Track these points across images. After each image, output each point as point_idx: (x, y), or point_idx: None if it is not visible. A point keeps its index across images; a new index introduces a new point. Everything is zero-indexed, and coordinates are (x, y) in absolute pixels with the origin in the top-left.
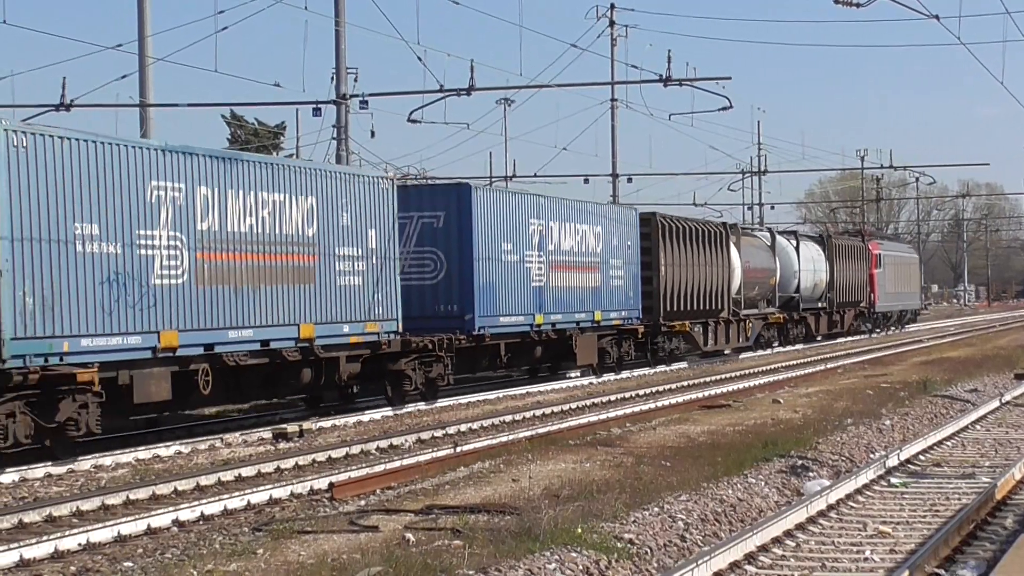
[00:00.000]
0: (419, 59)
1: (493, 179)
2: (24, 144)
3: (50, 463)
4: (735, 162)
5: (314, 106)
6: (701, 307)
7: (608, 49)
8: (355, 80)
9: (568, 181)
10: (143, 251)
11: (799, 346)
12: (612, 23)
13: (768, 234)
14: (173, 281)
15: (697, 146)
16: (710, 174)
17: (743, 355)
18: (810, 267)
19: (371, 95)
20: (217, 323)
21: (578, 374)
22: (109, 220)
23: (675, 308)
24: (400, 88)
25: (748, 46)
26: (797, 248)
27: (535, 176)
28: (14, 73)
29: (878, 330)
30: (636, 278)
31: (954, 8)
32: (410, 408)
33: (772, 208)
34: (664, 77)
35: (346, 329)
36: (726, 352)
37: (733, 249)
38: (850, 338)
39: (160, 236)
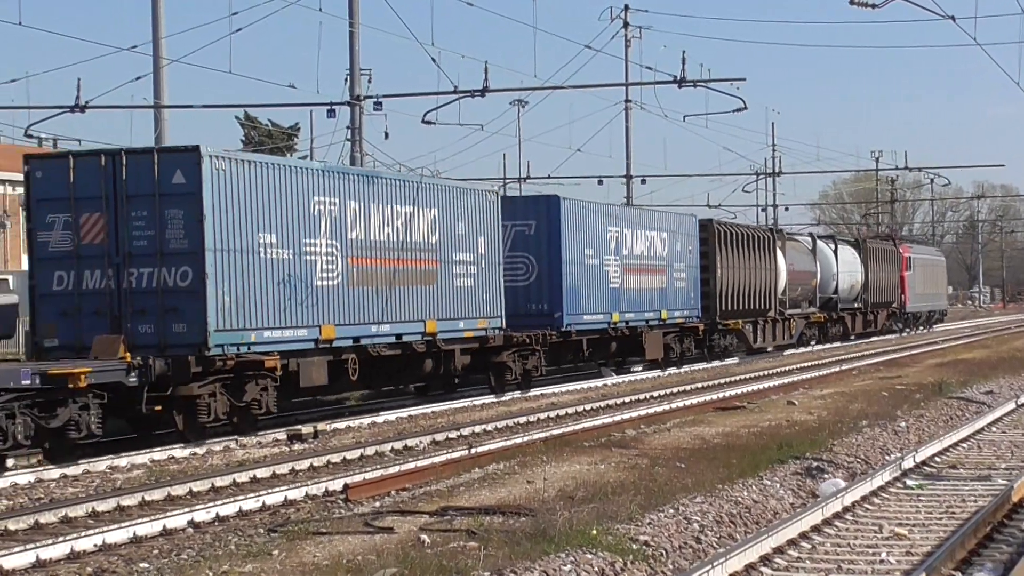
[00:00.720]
0: (433, 60)
1: (507, 180)
2: (222, 168)
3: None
4: (749, 163)
5: (328, 107)
6: (751, 307)
7: (622, 50)
8: (369, 81)
9: (582, 182)
10: (308, 257)
11: (836, 344)
12: (626, 24)
13: (809, 239)
14: (330, 282)
15: (711, 147)
16: (724, 175)
17: (787, 352)
18: (847, 270)
19: (385, 96)
20: (363, 319)
21: (640, 368)
22: (283, 230)
23: (729, 308)
24: (414, 89)
25: (763, 47)
26: (835, 252)
27: (549, 177)
28: (29, 74)
29: (908, 329)
30: (696, 280)
31: (970, 9)
32: (509, 396)
33: (786, 209)
34: (678, 78)
35: (461, 325)
36: (769, 349)
37: (779, 253)
38: (882, 337)
39: (320, 244)
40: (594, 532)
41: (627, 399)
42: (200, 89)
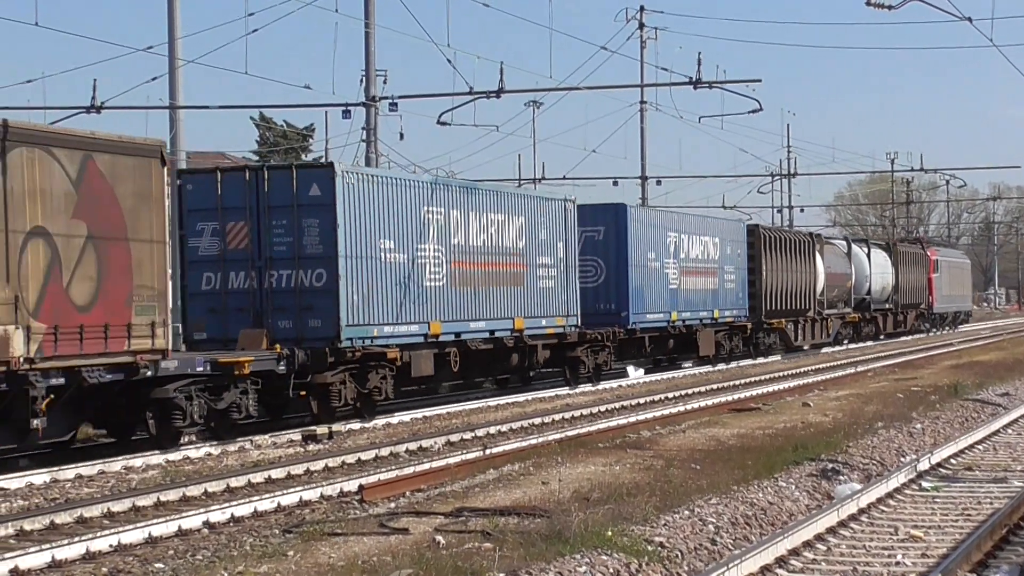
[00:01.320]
0: (449, 61)
1: (521, 181)
2: (351, 182)
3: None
4: (765, 165)
5: (344, 108)
6: (792, 307)
7: (638, 51)
8: (384, 82)
9: (597, 183)
10: (419, 260)
11: (869, 343)
12: (642, 25)
13: (845, 243)
14: (437, 283)
15: (727, 149)
16: (739, 177)
17: (823, 349)
18: (879, 272)
19: (401, 97)
20: (463, 316)
21: (689, 364)
22: (399, 237)
23: (773, 308)
24: (429, 90)
25: (778, 49)
26: (868, 255)
27: (564, 178)
28: (45, 75)
29: (935, 329)
30: (744, 281)
31: (986, 10)
32: (582, 388)
33: (802, 211)
34: (694, 79)
35: (543, 323)
36: (805, 348)
37: (818, 256)
38: (912, 336)
39: (429, 249)
40: (609, 533)
41: (642, 400)
42: (216, 90)
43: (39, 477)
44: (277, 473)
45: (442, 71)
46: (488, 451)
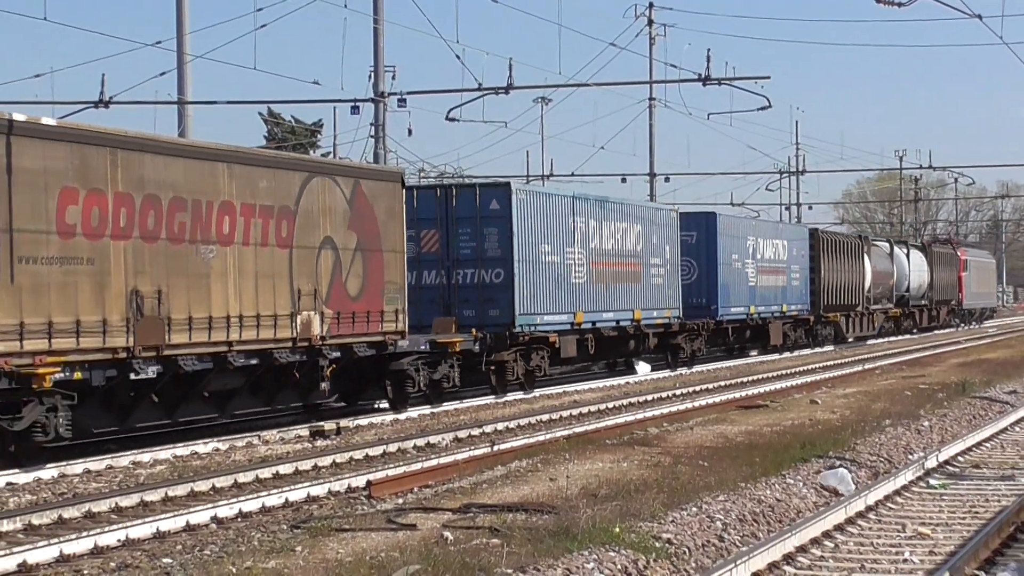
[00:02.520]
0: (458, 57)
1: (530, 178)
2: (522, 198)
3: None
4: (773, 162)
5: (352, 104)
6: (845, 302)
7: (646, 48)
8: (393, 78)
9: (605, 180)
10: (568, 262)
11: (906, 336)
12: (651, 22)
13: (887, 244)
14: (580, 281)
15: (735, 146)
16: (748, 174)
17: (868, 341)
18: (916, 271)
19: (409, 93)
20: (598, 308)
21: (755, 353)
22: (554, 242)
23: (829, 303)
24: (438, 86)
25: (787, 45)
26: (908, 255)
27: (572, 175)
28: (54, 70)
29: (964, 324)
30: (806, 280)
31: (997, 8)
32: (681, 371)
33: (810, 208)
34: (703, 76)
35: (655, 314)
36: (850, 339)
37: (866, 257)
38: (943, 330)
39: (575, 252)
40: (617, 530)
41: (650, 397)
42: (224, 85)
43: (47, 472)
44: (285, 469)
45: (451, 67)
46: (496, 447)
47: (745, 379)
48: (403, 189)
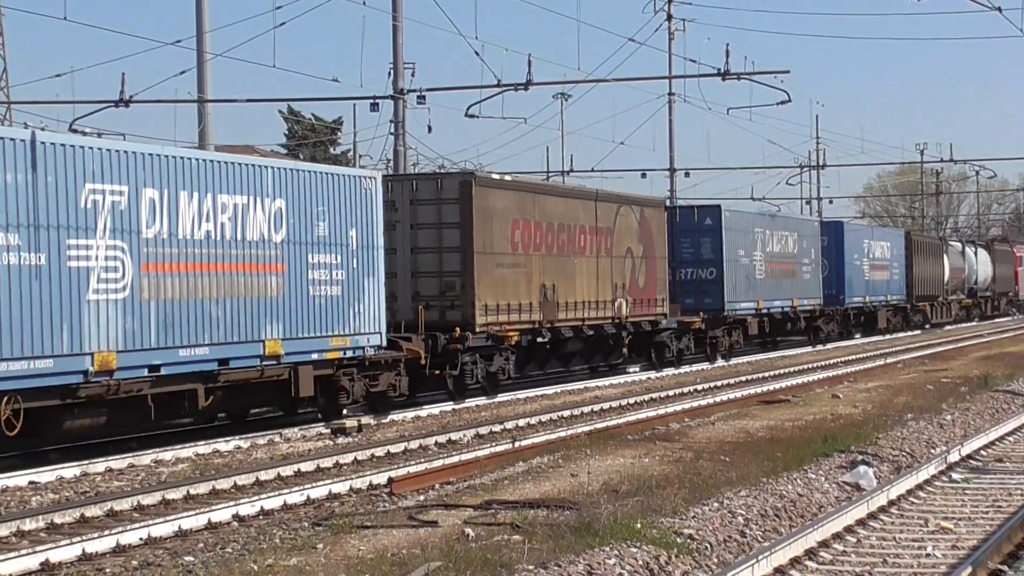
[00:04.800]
0: (477, 54)
1: (550, 174)
2: (727, 216)
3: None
4: (793, 156)
5: (372, 101)
6: (929, 294)
7: (666, 43)
8: (412, 75)
9: (625, 176)
10: (754, 262)
11: (974, 322)
12: (670, 17)
13: (959, 244)
14: (761, 277)
15: (755, 140)
16: (768, 168)
17: (946, 327)
18: (982, 266)
19: (429, 90)
20: (771, 297)
21: (858, 335)
22: (746, 248)
23: (919, 294)
24: (457, 83)
25: (807, 40)
26: (976, 253)
27: (592, 171)
28: (74, 69)
29: (1019, 312)
30: (903, 275)
31: (1016, 0)
32: (817, 348)
33: (831, 202)
34: (722, 71)
35: (806, 302)
36: (926, 327)
37: (944, 255)
38: (1003, 318)
39: (758, 255)
40: (638, 525)
41: (671, 392)
42: (244, 83)
43: (69, 471)
44: (307, 466)
45: (470, 64)
46: (517, 444)
47: (767, 374)
48: (665, 212)
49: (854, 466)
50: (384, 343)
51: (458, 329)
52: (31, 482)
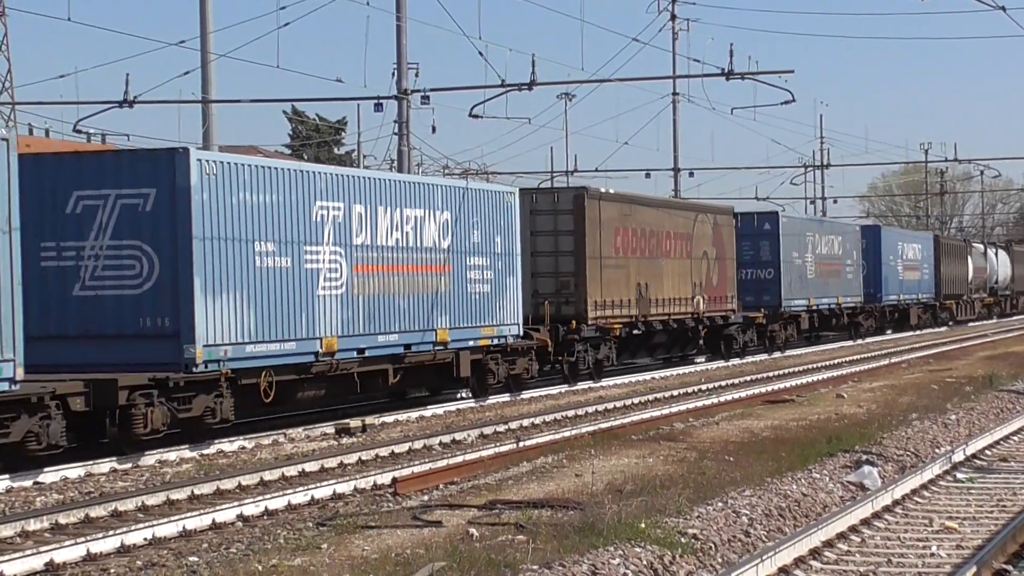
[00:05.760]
0: (480, 54)
1: (554, 174)
2: (784, 221)
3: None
4: (797, 156)
5: (375, 101)
6: (955, 292)
7: (670, 43)
8: (416, 75)
9: (629, 176)
10: (806, 263)
11: (994, 320)
12: (674, 17)
13: (981, 245)
14: (811, 276)
15: (759, 140)
16: (772, 168)
17: (969, 324)
18: (1003, 267)
19: (432, 90)
20: (819, 295)
21: (890, 331)
22: (800, 250)
23: (947, 292)
24: (461, 83)
25: (811, 39)
26: (996, 254)
27: (596, 171)
28: (78, 70)
29: None
30: (932, 274)
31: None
32: (857, 342)
33: (835, 202)
34: (726, 71)
35: (849, 299)
36: (949, 324)
37: (968, 256)
38: (1021, 315)
39: (809, 256)
40: (643, 525)
41: (675, 392)
42: (248, 84)
43: (74, 471)
44: (311, 466)
45: (474, 64)
46: (521, 444)
47: (771, 373)
48: (734, 219)
49: (858, 466)
50: (521, 333)
51: (574, 322)
52: (36, 482)
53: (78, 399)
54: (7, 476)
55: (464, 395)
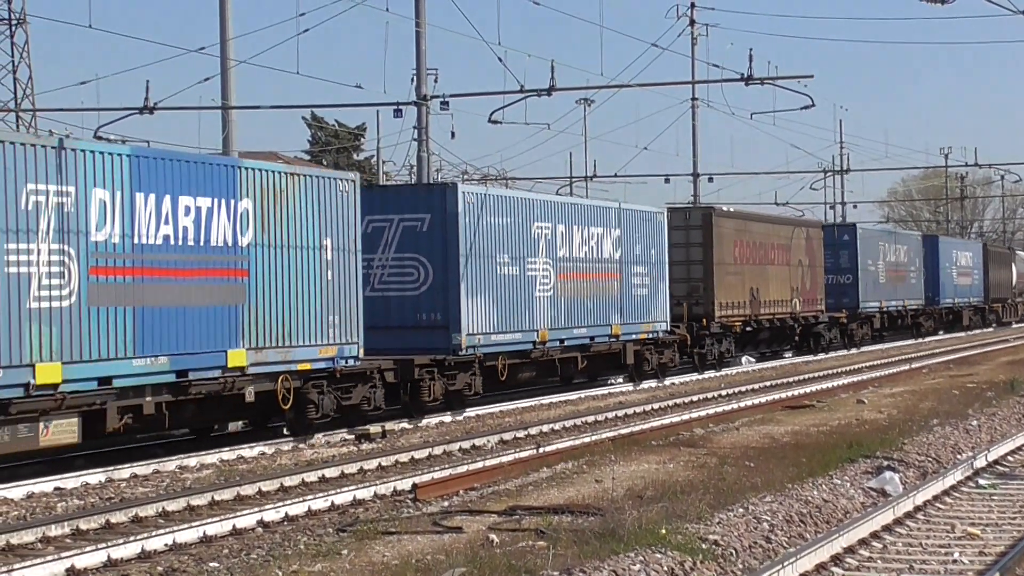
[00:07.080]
0: (499, 60)
1: (573, 180)
2: (862, 235)
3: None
4: (817, 161)
5: (395, 107)
6: (1001, 296)
7: (689, 48)
8: (435, 81)
9: (649, 181)
10: (878, 269)
11: None
12: (693, 22)
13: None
14: (882, 282)
15: (779, 145)
16: (792, 173)
17: (1013, 324)
18: None
19: (452, 96)
20: (888, 298)
21: (941, 332)
22: (872, 257)
23: (993, 295)
24: (480, 89)
25: (830, 44)
26: None
27: (615, 176)
28: (99, 77)
29: None
30: (981, 279)
31: None
32: (921, 340)
33: (855, 207)
34: (745, 76)
35: (911, 303)
36: (992, 327)
37: (1013, 262)
38: None
39: (880, 263)
40: (663, 531)
41: (695, 398)
42: (267, 90)
43: (94, 477)
44: (331, 472)
45: (493, 69)
46: (541, 449)
47: (791, 379)
48: (822, 232)
49: (880, 471)
50: (668, 328)
51: (704, 320)
52: (56, 488)
53: (390, 373)
54: (29, 482)
55: (616, 381)
